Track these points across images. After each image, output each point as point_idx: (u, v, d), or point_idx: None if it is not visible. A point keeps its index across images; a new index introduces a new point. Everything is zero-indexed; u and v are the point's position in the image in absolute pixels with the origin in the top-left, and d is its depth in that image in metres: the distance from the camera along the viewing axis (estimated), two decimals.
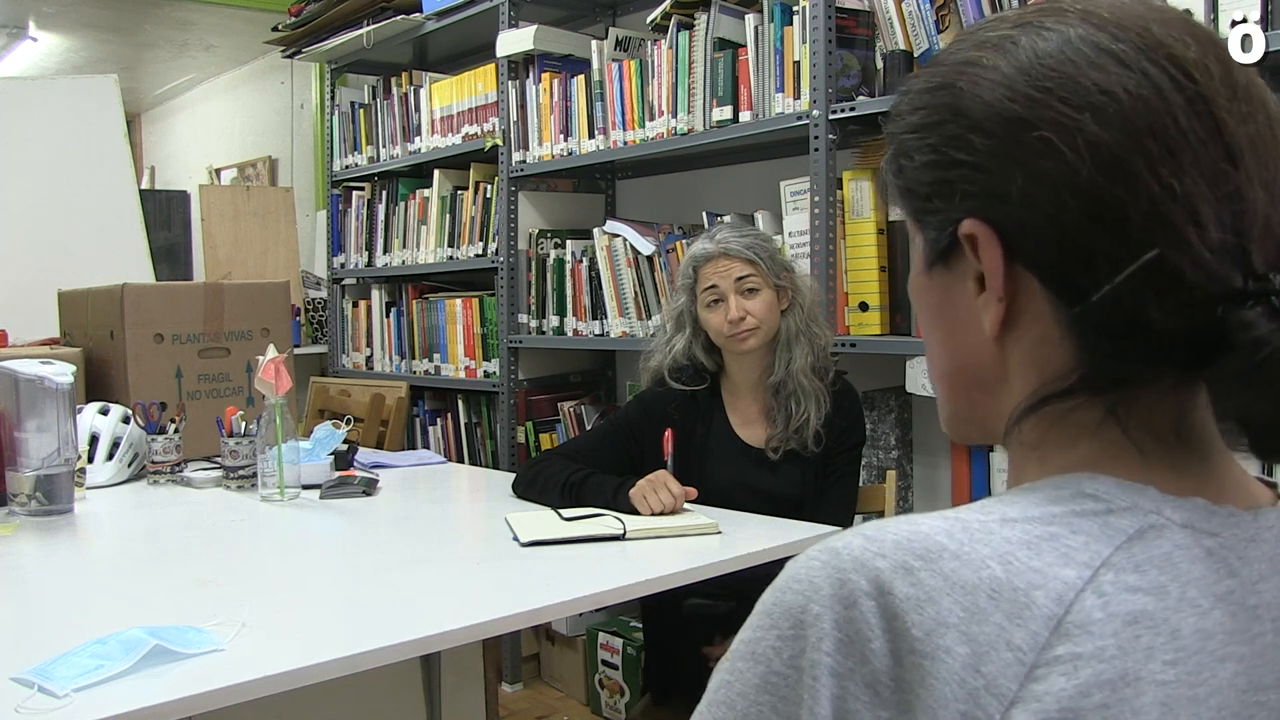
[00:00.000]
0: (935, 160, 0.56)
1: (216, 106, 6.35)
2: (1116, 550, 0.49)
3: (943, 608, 0.47)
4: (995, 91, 0.53)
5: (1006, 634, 0.46)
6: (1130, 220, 0.49)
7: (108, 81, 4.03)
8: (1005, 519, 0.50)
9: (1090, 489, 0.52)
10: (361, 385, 3.30)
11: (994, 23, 0.56)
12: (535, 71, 3.03)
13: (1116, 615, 0.47)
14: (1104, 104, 0.50)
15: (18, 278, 3.52)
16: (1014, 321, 0.55)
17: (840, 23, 2.23)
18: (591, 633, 2.94)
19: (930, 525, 0.50)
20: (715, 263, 1.92)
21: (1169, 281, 0.49)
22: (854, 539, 0.50)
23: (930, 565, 0.48)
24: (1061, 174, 0.51)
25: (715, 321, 1.91)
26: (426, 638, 1.19)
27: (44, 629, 1.26)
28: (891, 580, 0.48)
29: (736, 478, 1.94)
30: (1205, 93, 0.50)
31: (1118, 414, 0.53)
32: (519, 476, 2.00)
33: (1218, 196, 0.49)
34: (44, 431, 1.84)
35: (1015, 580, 0.47)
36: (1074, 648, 0.46)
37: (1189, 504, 0.51)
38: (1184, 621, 0.48)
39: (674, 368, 1.99)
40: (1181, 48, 0.51)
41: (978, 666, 0.46)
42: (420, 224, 3.56)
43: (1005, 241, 0.54)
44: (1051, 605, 0.47)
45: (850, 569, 0.49)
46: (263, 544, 1.76)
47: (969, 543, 0.49)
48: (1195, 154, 0.49)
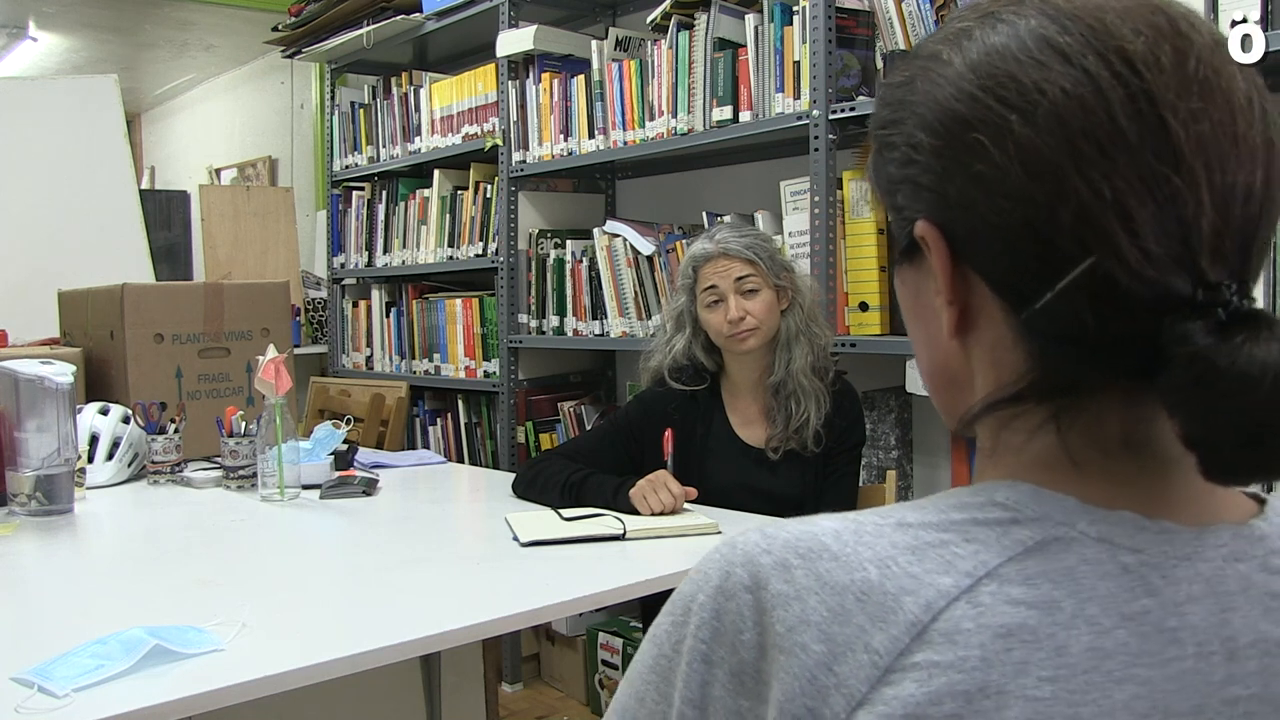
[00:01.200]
0: (897, 158, 0.55)
1: (216, 106, 6.35)
2: (1008, 561, 0.48)
3: (809, 606, 0.48)
4: (945, 89, 0.52)
5: (866, 636, 0.47)
6: (1062, 227, 0.47)
7: (108, 81, 4.03)
8: (902, 523, 0.50)
9: (1002, 497, 0.51)
10: (361, 385, 3.30)
11: (965, 13, 0.55)
12: (535, 71, 3.03)
13: (988, 627, 0.46)
14: (1036, 103, 0.48)
15: (18, 278, 3.52)
16: (972, 323, 0.54)
17: (840, 23, 2.23)
18: (591, 633, 2.94)
19: (823, 526, 0.51)
20: (715, 263, 1.92)
21: (1106, 290, 0.47)
22: (753, 534, 0.52)
23: (807, 564, 0.49)
24: (994, 177, 0.49)
25: (715, 321, 1.91)
26: (426, 638, 1.19)
27: (44, 629, 1.26)
28: (769, 576, 0.49)
29: (736, 478, 1.94)
30: (1151, 89, 0.47)
31: (1058, 421, 0.51)
32: (519, 476, 2.00)
33: (1157, 201, 0.46)
34: (44, 431, 1.85)
35: (887, 585, 0.47)
36: (933, 656, 0.46)
37: (1113, 517, 0.49)
38: (1074, 639, 0.46)
39: (674, 368, 1.99)
40: (1131, 38, 0.48)
41: (831, 665, 0.46)
42: (420, 224, 3.56)
43: (953, 244, 0.52)
44: (918, 612, 0.47)
45: (738, 563, 0.51)
46: (263, 544, 1.76)
47: (853, 544, 0.49)
48: (1132, 156, 0.47)
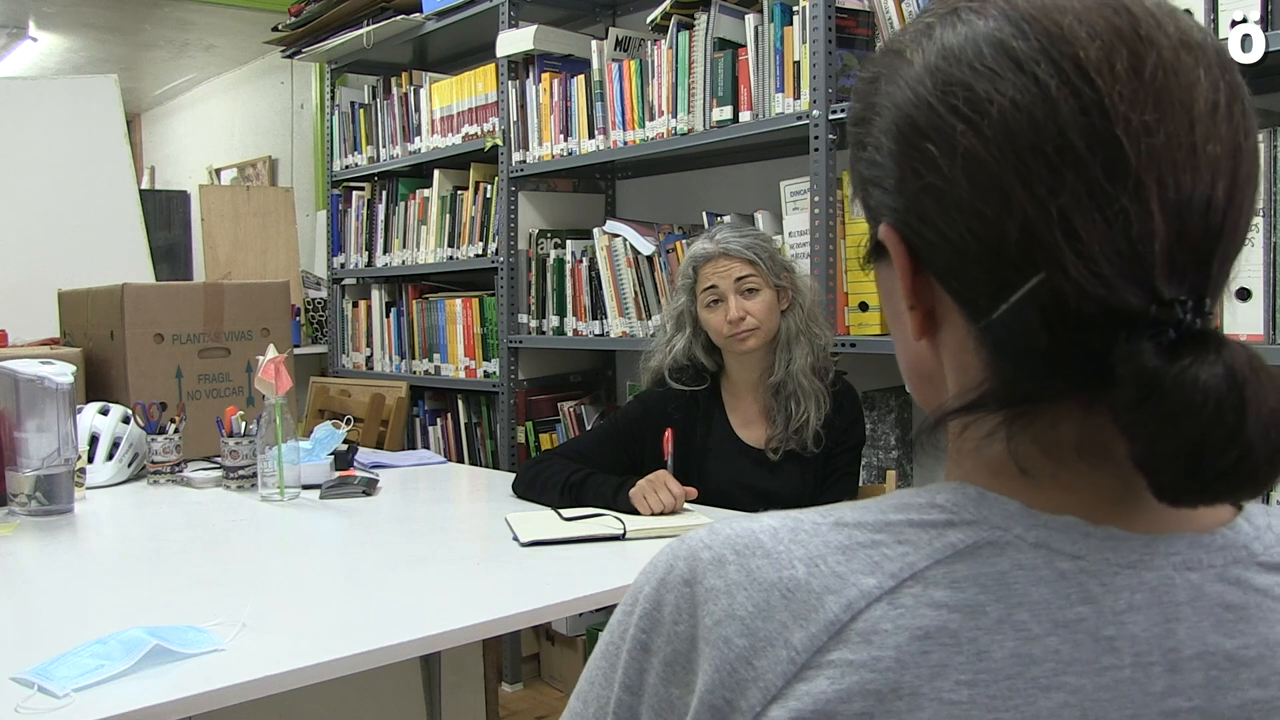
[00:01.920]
0: (864, 158, 0.55)
1: (216, 106, 6.35)
2: (935, 564, 0.48)
3: (736, 601, 0.49)
4: (904, 93, 0.51)
5: (787, 633, 0.47)
6: (1009, 242, 0.47)
7: (108, 81, 4.03)
8: (839, 523, 0.51)
9: (943, 499, 0.50)
10: (361, 385, 3.30)
11: (935, 7, 0.53)
12: (535, 71, 3.03)
13: (906, 629, 0.46)
14: (983, 114, 0.47)
15: (18, 278, 3.52)
16: (939, 328, 0.54)
17: (840, 23, 2.23)
18: (591, 633, 2.94)
19: (764, 524, 0.52)
20: (715, 263, 1.92)
21: (1056, 306, 0.46)
22: (702, 532, 0.53)
23: (741, 561, 0.50)
24: (943, 189, 0.48)
25: (715, 322, 1.91)
26: (426, 638, 1.19)
27: (44, 629, 1.26)
28: (704, 571, 0.51)
29: (736, 478, 1.94)
30: (1104, 101, 0.45)
31: (1008, 428, 0.50)
32: (519, 477, 2.00)
33: (1105, 218, 0.45)
34: (44, 431, 1.85)
35: (813, 583, 0.48)
36: (848, 654, 0.46)
37: (1056, 522, 0.49)
38: (998, 644, 0.46)
39: (674, 368, 1.99)
40: (1087, 43, 0.46)
41: (751, 660, 0.47)
42: (420, 224, 3.56)
43: (912, 249, 0.52)
44: (839, 611, 0.47)
45: (681, 556, 0.52)
46: (263, 544, 1.76)
47: (788, 543, 0.50)
48: (1080, 173, 0.45)
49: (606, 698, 0.54)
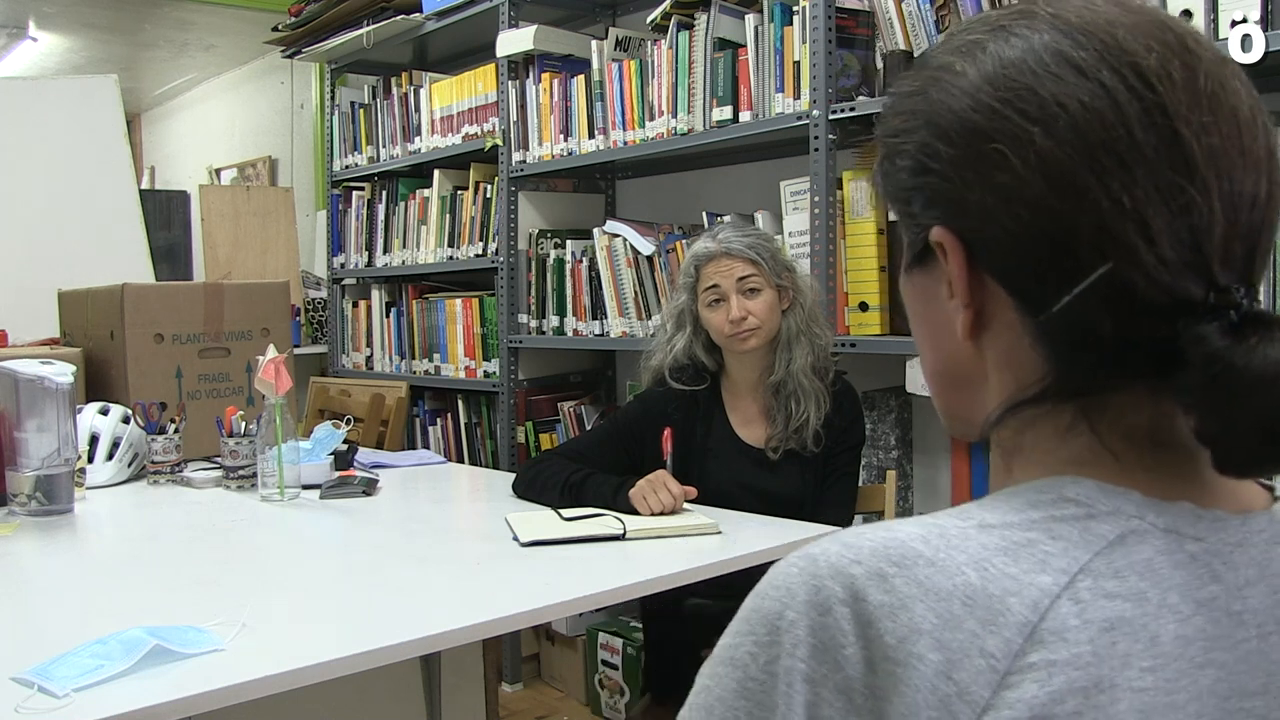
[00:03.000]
0: (911, 166, 0.57)
1: (216, 106, 6.35)
2: (1096, 556, 0.49)
3: (916, 614, 0.47)
4: (961, 100, 0.54)
5: (980, 641, 0.46)
6: (1081, 235, 0.50)
7: (108, 81, 4.03)
8: (984, 525, 0.50)
9: (1072, 493, 0.51)
10: (361, 385, 3.30)
11: (975, 24, 0.56)
12: (535, 71, 3.03)
13: (1093, 622, 0.47)
14: (1056, 116, 0.50)
15: (18, 278, 3.52)
16: (987, 326, 0.56)
17: (840, 23, 2.23)
18: (591, 633, 2.94)
19: (907, 532, 0.50)
20: (717, 262, 1.92)
21: (1123, 295, 0.49)
22: (832, 545, 0.50)
23: (905, 572, 0.48)
24: (1015, 187, 0.51)
25: (716, 321, 1.91)
26: (426, 638, 1.19)
27: (44, 629, 1.26)
28: (866, 587, 0.48)
29: (736, 477, 1.94)
30: (1165, 103, 0.49)
31: (1089, 419, 0.53)
32: (519, 476, 2.00)
33: (1172, 210, 0.49)
34: (44, 431, 1.85)
35: (990, 587, 0.47)
36: (1048, 655, 0.46)
37: (1173, 508, 0.51)
38: (1163, 628, 0.48)
39: (674, 367, 1.99)
40: (1144, 54, 0.50)
41: (950, 674, 0.46)
42: (420, 224, 3.56)
43: (970, 250, 0.54)
44: (1026, 612, 0.47)
45: (826, 575, 0.49)
46: (263, 544, 1.76)
47: (945, 549, 0.49)
48: (1149, 167, 0.49)
49: None
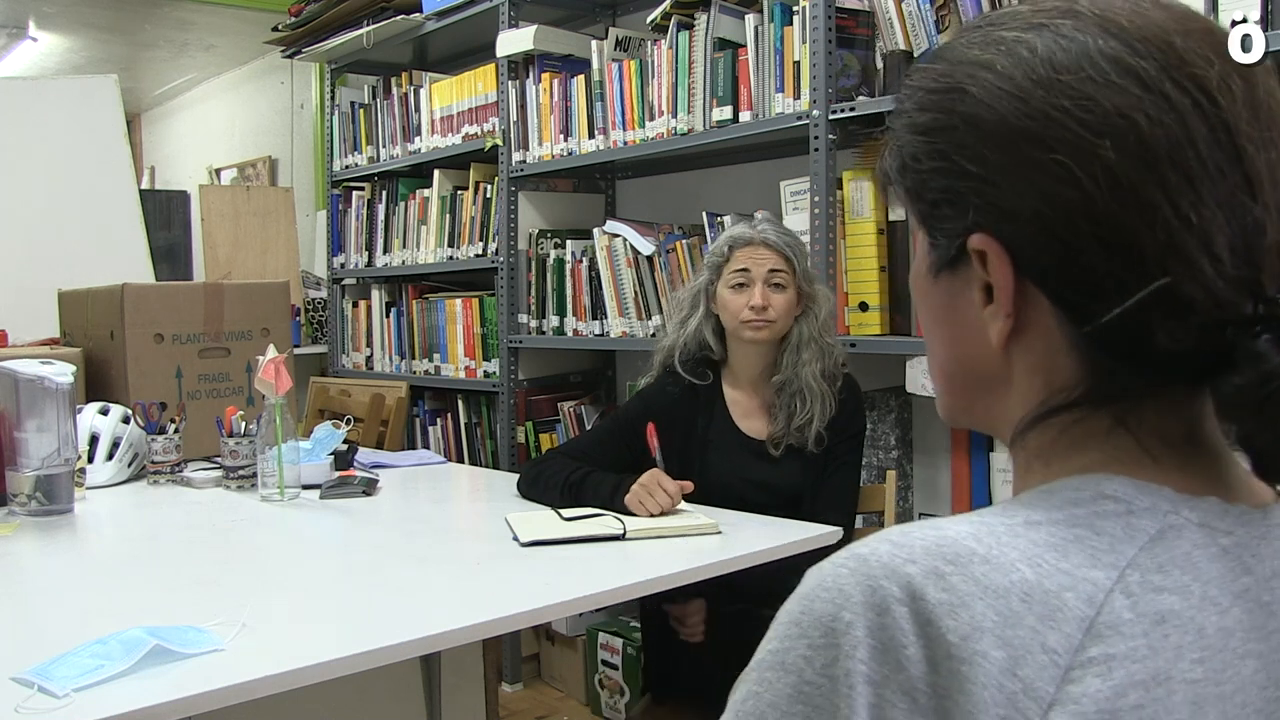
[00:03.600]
0: (944, 168, 0.55)
1: (216, 106, 6.35)
2: (1140, 551, 0.49)
3: (976, 612, 0.46)
4: (1009, 103, 0.52)
5: (1041, 637, 0.46)
6: (1144, 249, 0.49)
7: (108, 81, 4.03)
8: (1029, 522, 0.50)
9: (1109, 490, 0.51)
10: (361, 385, 3.30)
11: (1006, 19, 0.54)
12: (535, 71, 3.03)
13: (1145, 615, 0.47)
14: (1124, 130, 0.49)
15: (18, 278, 3.52)
16: (1021, 333, 0.55)
17: (840, 23, 2.23)
18: (591, 633, 2.94)
19: (956, 530, 0.50)
20: (755, 248, 1.93)
21: (1178, 308, 0.49)
22: (881, 545, 0.50)
23: (961, 570, 0.48)
24: (1077, 200, 0.50)
25: (735, 304, 1.92)
26: (426, 638, 1.19)
27: (44, 629, 1.26)
28: (924, 585, 0.47)
29: (737, 470, 1.94)
30: (1227, 118, 0.49)
31: (1127, 423, 0.53)
32: (522, 476, 2.01)
33: (1234, 228, 0.49)
34: (44, 431, 1.84)
35: (1045, 583, 0.47)
36: (1107, 649, 0.46)
37: (1204, 504, 0.51)
38: (1208, 620, 0.48)
39: (684, 355, 1.99)
40: (1204, 66, 0.50)
41: (1014, 670, 0.46)
42: (420, 224, 3.56)
43: (1015, 258, 0.53)
44: (1083, 607, 0.47)
45: (881, 575, 0.48)
46: (263, 544, 1.76)
47: (997, 546, 0.49)
48: (1214, 184, 0.49)
49: None
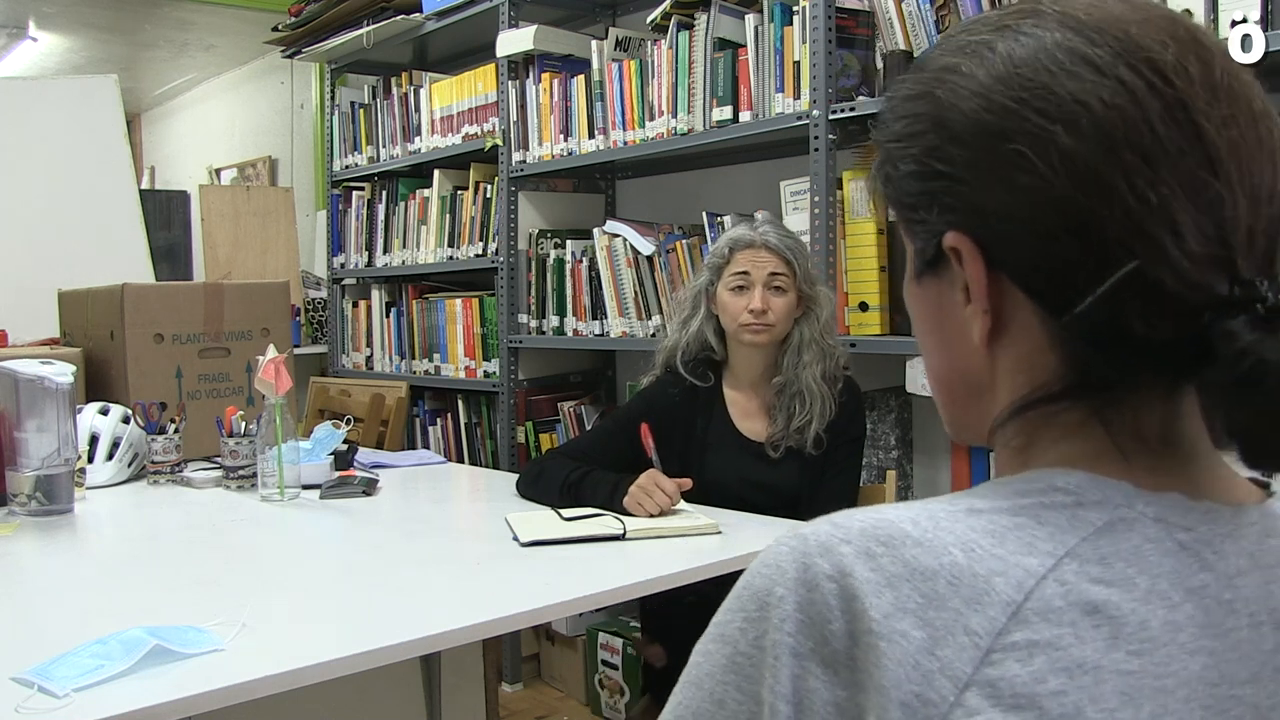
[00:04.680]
0: (918, 171, 0.56)
1: (216, 106, 6.35)
2: (1082, 541, 0.49)
3: (902, 593, 0.48)
4: (972, 102, 0.53)
5: (964, 619, 0.47)
6: (1107, 233, 0.49)
7: (108, 81, 4.03)
8: (972, 509, 0.51)
9: (1061, 483, 0.52)
10: (361, 385, 3.29)
11: (975, 25, 0.56)
12: (535, 71, 3.03)
13: (1077, 604, 0.47)
14: (1078, 114, 0.50)
15: (18, 278, 3.52)
16: (1003, 330, 0.55)
17: (840, 23, 2.23)
18: (591, 633, 2.94)
19: (896, 514, 0.51)
20: (755, 251, 1.92)
21: (1150, 293, 0.49)
22: (822, 525, 0.52)
23: (892, 551, 0.49)
24: (1037, 188, 0.50)
25: (734, 306, 1.92)
26: (426, 638, 1.19)
27: (44, 629, 1.26)
28: (853, 564, 0.49)
29: (737, 471, 1.94)
30: (1184, 98, 0.49)
31: (1102, 418, 0.53)
32: (522, 475, 2.01)
33: (1197, 206, 0.49)
34: (44, 431, 1.84)
35: (976, 567, 0.48)
36: (1031, 634, 0.47)
37: (1164, 499, 0.51)
38: (1152, 614, 0.48)
39: (686, 356, 1.99)
40: (1160, 50, 0.50)
41: (933, 650, 0.47)
42: (420, 224, 3.56)
43: (988, 254, 0.53)
44: (1011, 592, 0.47)
45: (815, 553, 0.50)
46: (263, 544, 1.76)
47: (933, 530, 0.50)
48: (1173, 163, 0.49)
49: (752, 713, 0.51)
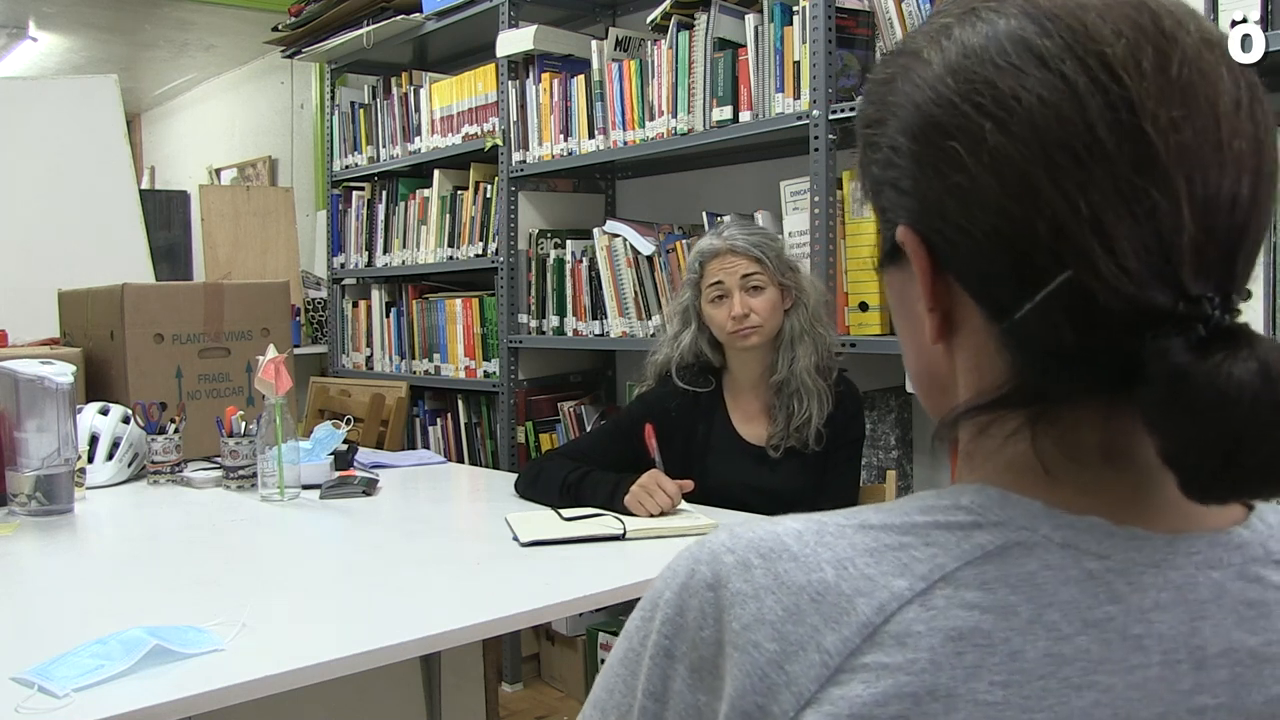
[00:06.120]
0: (879, 159, 0.54)
1: (216, 106, 6.35)
2: (965, 566, 0.48)
3: (765, 605, 0.48)
4: (924, 93, 0.50)
5: (819, 636, 0.47)
6: (1038, 240, 0.46)
7: (108, 81, 4.03)
8: (864, 525, 0.50)
9: (967, 501, 0.50)
10: (361, 385, 3.30)
11: (949, 7, 0.53)
12: (535, 71, 3.03)
13: (939, 630, 0.46)
14: (1011, 110, 0.46)
15: (18, 278, 3.52)
16: (956, 328, 0.53)
17: (840, 23, 2.23)
18: (591, 633, 2.94)
19: (786, 527, 0.51)
20: (722, 259, 1.92)
21: (1084, 305, 0.46)
22: (722, 534, 0.52)
23: (767, 564, 0.49)
24: (969, 188, 0.48)
25: (719, 317, 1.92)
26: (426, 638, 1.20)
27: (44, 629, 1.26)
28: (729, 575, 0.50)
29: (738, 475, 1.94)
30: (1131, 96, 0.45)
31: (1033, 429, 0.50)
32: (521, 476, 2.01)
33: (1134, 215, 0.45)
34: (44, 431, 1.84)
35: (843, 585, 0.48)
36: (882, 657, 0.46)
37: (1081, 523, 0.48)
38: (1030, 644, 0.46)
39: (681, 365, 1.99)
40: (1112, 41, 0.46)
41: (783, 664, 0.47)
42: (420, 224, 3.56)
43: (933, 251, 0.51)
44: (870, 613, 0.47)
45: (704, 560, 0.51)
46: (263, 544, 1.76)
47: (814, 545, 0.50)
48: (1109, 168, 0.45)
49: (629, 705, 0.53)
